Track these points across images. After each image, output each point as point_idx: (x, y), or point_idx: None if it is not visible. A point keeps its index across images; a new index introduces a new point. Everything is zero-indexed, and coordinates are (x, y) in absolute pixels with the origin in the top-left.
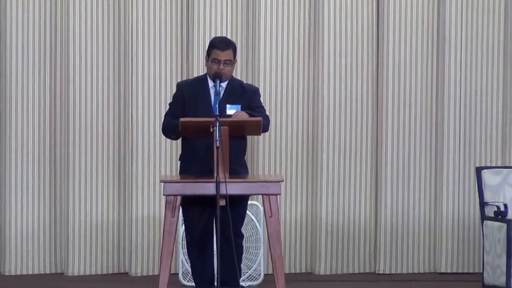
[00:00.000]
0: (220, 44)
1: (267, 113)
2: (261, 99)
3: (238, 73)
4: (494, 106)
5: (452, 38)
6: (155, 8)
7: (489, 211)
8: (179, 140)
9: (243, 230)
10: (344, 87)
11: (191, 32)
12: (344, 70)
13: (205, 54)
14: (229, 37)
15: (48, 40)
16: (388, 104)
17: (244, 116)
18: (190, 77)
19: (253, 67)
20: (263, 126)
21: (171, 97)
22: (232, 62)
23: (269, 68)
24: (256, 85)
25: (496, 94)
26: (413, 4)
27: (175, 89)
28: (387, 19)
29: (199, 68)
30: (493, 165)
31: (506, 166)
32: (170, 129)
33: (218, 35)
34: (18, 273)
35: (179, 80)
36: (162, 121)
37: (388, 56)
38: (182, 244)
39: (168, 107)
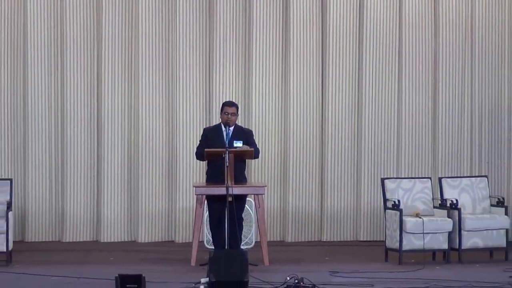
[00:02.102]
0: (228, 103)
1: (258, 146)
2: (254, 136)
3: (239, 118)
4: (392, 135)
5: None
6: (194, 83)
7: (389, 204)
8: (205, 162)
9: (243, 215)
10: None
11: (213, 96)
12: (295, 104)
13: (219, 111)
14: (233, 100)
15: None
16: (329, 127)
17: (243, 148)
18: (212, 124)
19: (248, 115)
20: (255, 154)
21: (200, 136)
22: (235, 114)
23: (256, 117)
24: (248, 126)
25: (392, 119)
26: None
27: (202, 132)
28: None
29: (216, 119)
30: (391, 176)
31: (397, 177)
32: (200, 155)
33: (227, 99)
34: (111, 241)
35: (205, 126)
36: (195, 151)
37: (329, 82)
38: (206, 223)
39: (198, 142)
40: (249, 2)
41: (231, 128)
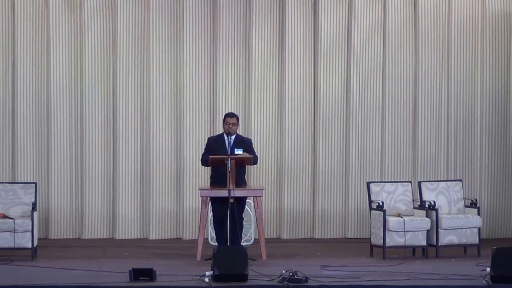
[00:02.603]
0: (229, 115)
1: (256, 153)
2: (253, 144)
3: (240, 128)
4: (376, 144)
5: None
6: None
7: (374, 205)
8: (209, 167)
9: (243, 215)
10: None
11: (217, 109)
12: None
13: (222, 121)
14: (234, 111)
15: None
16: (321, 132)
17: (244, 155)
18: (215, 133)
19: (248, 125)
20: (254, 161)
21: (205, 145)
22: (236, 124)
23: (255, 127)
24: (247, 135)
25: (377, 129)
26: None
27: (206, 141)
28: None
29: (219, 128)
30: (376, 180)
31: (381, 181)
32: (204, 161)
33: (229, 111)
34: (125, 238)
35: (209, 135)
36: (201, 158)
37: (321, 90)
38: (210, 222)
39: (203, 150)
40: (249, 24)
41: (233, 137)
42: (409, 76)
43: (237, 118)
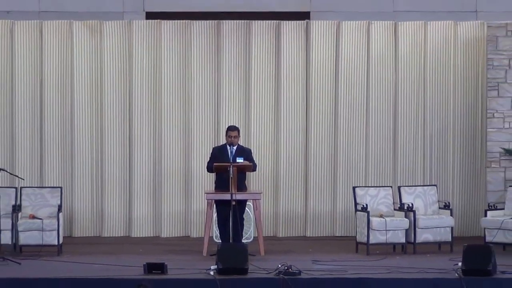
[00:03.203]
0: (231, 128)
1: (255, 161)
2: (253, 153)
3: (241, 139)
4: (361, 153)
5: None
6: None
7: (359, 207)
8: (214, 173)
9: (244, 216)
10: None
11: (220, 122)
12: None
13: (225, 133)
14: (235, 124)
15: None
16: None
17: (244, 163)
18: (219, 144)
19: (248, 137)
20: (253, 168)
21: (210, 154)
22: (237, 136)
23: (254, 139)
24: (248, 146)
25: (362, 141)
26: None
27: (211, 150)
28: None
29: (223, 139)
30: (360, 185)
31: (365, 186)
32: (210, 168)
33: (231, 124)
34: (140, 236)
35: (214, 145)
36: (206, 165)
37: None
38: (214, 222)
39: (208, 158)
40: (248, 49)
41: (234, 147)
42: (390, 95)
43: (238, 131)
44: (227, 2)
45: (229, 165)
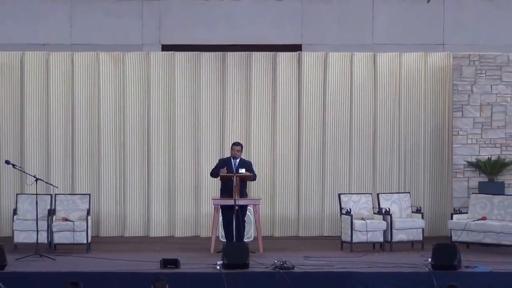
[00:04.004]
0: (235, 144)
1: (255, 172)
2: (253, 165)
3: (243, 153)
4: (345, 164)
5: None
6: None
7: (343, 211)
8: (220, 182)
9: (245, 218)
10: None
11: (225, 138)
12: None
13: (230, 148)
14: (239, 140)
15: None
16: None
17: (246, 173)
18: (224, 156)
19: (248, 150)
20: (253, 178)
21: (216, 163)
22: (240, 151)
23: (254, 152)
24: (248, 158)
25: (346, 154)
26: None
27: (218, 161)
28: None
29: (227, 152)
30: (345, 192)
31: (349, 193)
32: (214, 173)
33: (235, 141)
34: (160, 235)
35: (220, 157)
36: (211, 170)
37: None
38: (220, 224)
39: (215, 165)
40: (249, 77)
41: (237, 160)
42: (370, 116)
43: (241, 146)
44: (232, 36)
45: (233, 175)
